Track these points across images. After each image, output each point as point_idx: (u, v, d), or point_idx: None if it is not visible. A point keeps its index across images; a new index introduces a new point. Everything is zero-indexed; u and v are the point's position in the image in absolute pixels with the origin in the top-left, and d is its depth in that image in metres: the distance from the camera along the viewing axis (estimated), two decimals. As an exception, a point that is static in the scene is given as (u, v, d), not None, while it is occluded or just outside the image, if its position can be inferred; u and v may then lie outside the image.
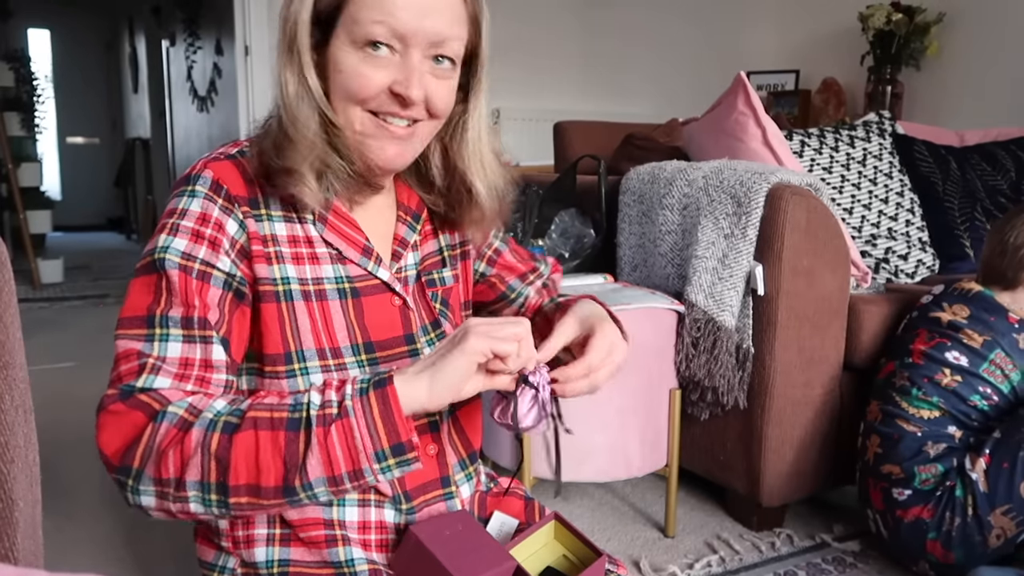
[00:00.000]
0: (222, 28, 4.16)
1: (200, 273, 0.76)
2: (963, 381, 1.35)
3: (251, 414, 0.69)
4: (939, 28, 3.37)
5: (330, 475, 0.68)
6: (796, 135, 2.00)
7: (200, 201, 0.79)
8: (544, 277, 1.09)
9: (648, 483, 1.84)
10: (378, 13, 0.76)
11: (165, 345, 0.72)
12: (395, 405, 0.70)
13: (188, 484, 0.67)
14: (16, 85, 5.26)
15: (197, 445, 0.67)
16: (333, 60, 0.80)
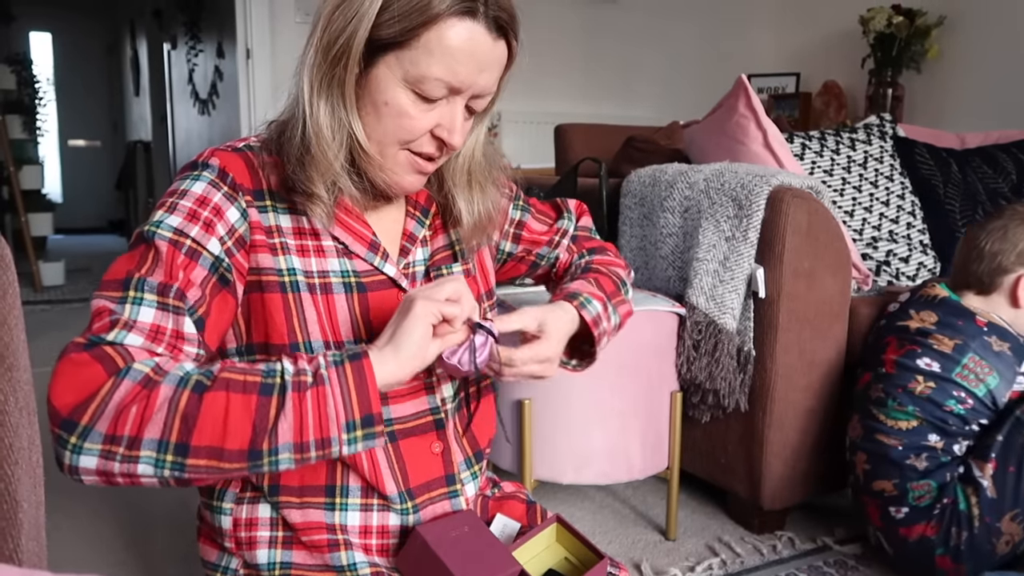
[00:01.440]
0: (223, 31, 4.17)
1: (190, 250, 0.76)
2: (936, 387, 1.34)
3: (223, 375, 0.68)
4: (940, 31, 3.38)
5: (298, 441, 0.68)
6: (797, 138, 2.00)
7: (203, 185, 0.80)
8: (570, 233, 1.09)
9: (649, 486, 1.84)
10: (442, 71, 0.77)
11: (138, 309, 0.71)
12: (369, 377, 0.71)
13: (144, 443, 0.64)
14: (18, 88, 5.27)
15: (164, 401, 0.65)
16: (377, 86, 0.79)
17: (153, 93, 6.67)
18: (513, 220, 1.04)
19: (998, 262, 1.39)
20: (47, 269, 4.58)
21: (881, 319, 1.51)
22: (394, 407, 0.84)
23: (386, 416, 0.84)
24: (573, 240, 1.09)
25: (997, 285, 1.40)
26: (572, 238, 1.09)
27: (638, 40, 4.03)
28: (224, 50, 4.30)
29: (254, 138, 0.86)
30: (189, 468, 0.66)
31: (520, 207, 1.06)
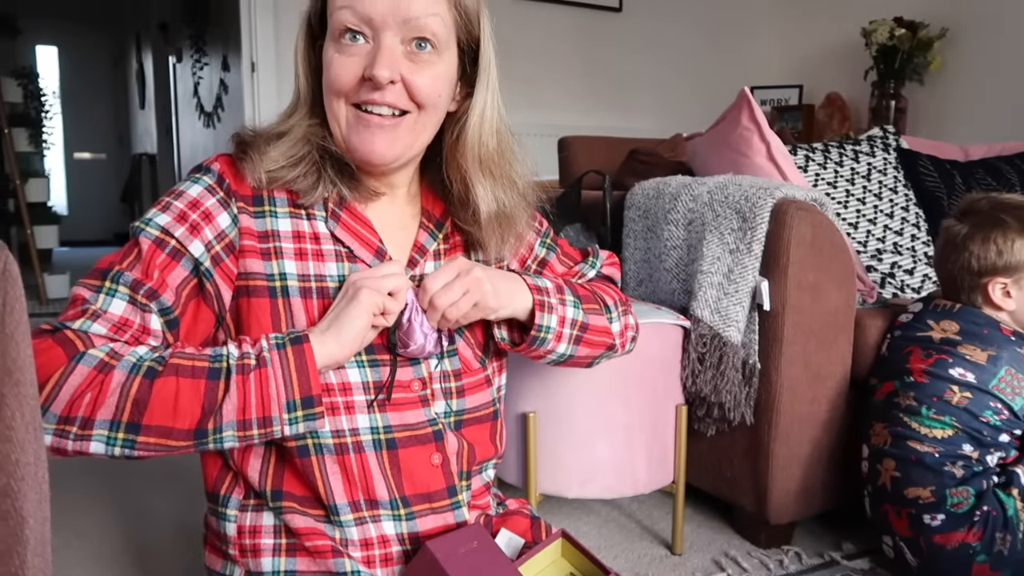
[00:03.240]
0: (228, 44, 4.19)
1: (173, 250, 0.79)
2: (973, 398, 1.34)
3: (173, 361, 0.72)
4: (942, 43, 3.39)
5: (241, 419, 0.72)
6: (800, 150, 2.01)
7: (199, 189, 0.83)
8: (588, 276, 1.08)
9: (655, 500, 1.83)
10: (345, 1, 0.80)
11: (110, 300, 0.75)
12: (310, 360, 0.74)
13: (96, 423, 0.68)
14: (24, 101, 5.30)
15: (117, 386, 0.69)
16: (323, 60, 0.83)
17: (158, 106, 6.71)
18: (538, 257, 1.04)
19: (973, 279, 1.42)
20: (52, 281, 4.60)
21: (893, 330, 1.51)
22: (395, 415, 0.84)
23: (385, 423, 0.83)
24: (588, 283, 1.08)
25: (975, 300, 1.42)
26: (588, 281, 1.08)
27: (641, 52, 4.05)
28: (229, 63, 4.33)
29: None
30: (139, 445, 0.70)
31: (547, 245, 1.05)
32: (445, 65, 0.84)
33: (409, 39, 0.80)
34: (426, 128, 0.86)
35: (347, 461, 0.82)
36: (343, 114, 0.83)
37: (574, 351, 0.96)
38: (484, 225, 0.90)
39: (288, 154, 0.83)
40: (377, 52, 0.79)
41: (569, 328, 0.94)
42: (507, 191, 0.91)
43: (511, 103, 0.90)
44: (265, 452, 0.84)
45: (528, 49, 3.68)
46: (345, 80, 0.81)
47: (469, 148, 0.88)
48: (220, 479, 0.87)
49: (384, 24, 0.79)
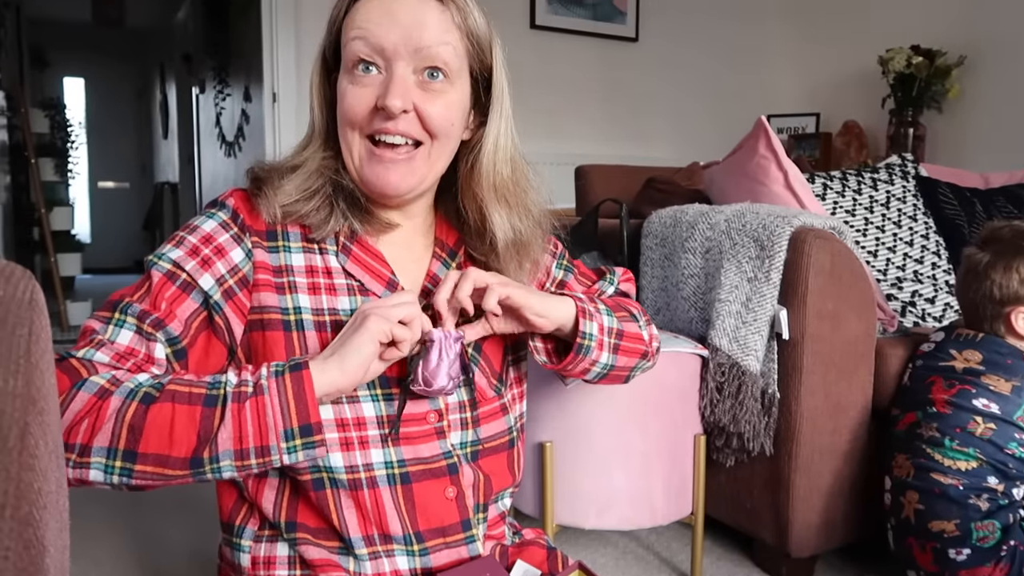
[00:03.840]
0: (251, 75, 4.27)
1: (183, 283, 0.80)
2: (997, 429, 1.31)
3: (170, 387, 0.71)
4: (960, 71, 3.38)
5: (238, 448, 0.70)
6: (818, 178, 2.00)
7: (213, 224, 0.83)
8: (607, 293, 1.08)
9: (673, 531, 1.80)
10: (356, 30, 0.80)
11: (118, 331, 0.76)
12: (308, 387, 0.72)
13: (94, 450, 0.68)
14: (51, 132, 5.42)
15: (113, 412, 0.69)
16: (337, 92, 0.84)
17: (181, 136, 6.83)
18: (555, 279, 1.03)
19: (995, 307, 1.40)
20: (74, 309, 4.65)
21: (915, 360, 1.49)
22: (408, 448, 0.84)
23: (399, 457, 0.83)
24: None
25: (996, 329, 1.41)
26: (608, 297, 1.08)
27: (658, 81, 4.08)
28: (251, 94, 4.40)
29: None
30: (136, 474, 0.69)
31: (564, 267, 1.05)
32: (458, 94, 0.85)
33: (421, 69, 0.81)
34: (440, 157, 0.86)
35: (361, 497, 0.82)
36: (357, 147, 0.84)
37: (614, 360, 0.94)
38: (502, 253, 0.90)
39: (302, 187, 0.84)
40: (390, 82, 0.80)
41: (607, 336, 0.93)
42: (523, 219, 0.91)
43: (530, 132, 0.90)
44: (279, 484, 0.84)
45: (546, 79, 3.72)
46: (358, 110, 0.81)
47: (484, 176, 0.89)
48: (235, 510, 0.87)
49: (396, 54, 0.80)
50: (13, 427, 0.42)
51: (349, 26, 0.81)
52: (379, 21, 0.80)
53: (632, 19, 3.96)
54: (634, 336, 0.97)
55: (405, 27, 0.79)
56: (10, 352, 0.44)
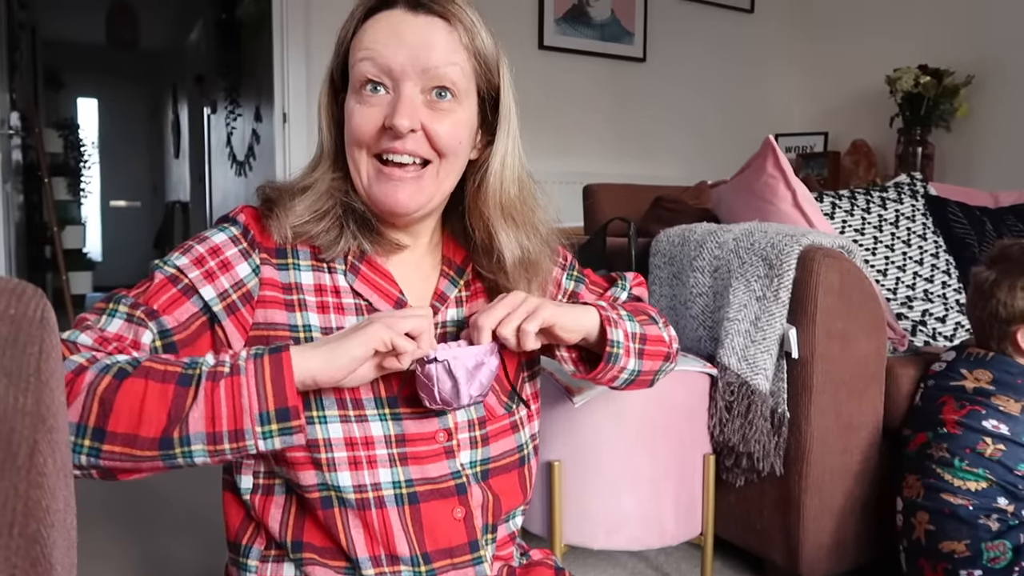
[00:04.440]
0: (261, 96, 4.31)
1: (185, 287, 0.80)
2: (1007, 450, 1.30)
3: (146, 364, 0.69)
4: (969, 90, 3.38)
5: (210, 431, 0.67)
6: (827, 197, 2.00)
7: (223, 237, 0.83)
8: (621, 300, 1.08)
9: (682, 552, 1.79)
10: (364, 52, 0.81)
11: (109, 320, 0.76)
12: (287, 370, 0.70)
13: None
14: (64, 151, 5.49)
15: (86, 386, 0.67)
16: (345, 112, 0.85)
17: (192, 155, 6.89)
18: (567, 291, 1.03)
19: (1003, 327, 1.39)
20: (85, 327, 4.67)
21: (926, 380, 1.48)
22: (416, 468, 0.84)
23: (407, 477, 0.83)
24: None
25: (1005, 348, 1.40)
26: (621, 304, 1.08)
27: (666, 100, 4.09)
28: (262, 114, 4.45)
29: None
30: (104, 454, 0.66)
31: (574, 277, 1.05)
32: (465, 113, 0.85)
33: (429, 88, 0.82)
34: (448, 176, 0.87)
35: (368, 516, 0.81)
36: (365, 166, 0.84)
37: (640, 366, 0.94)
38: (510, 272, 0.90)
39: (312, 208, 0.84)
40: (397, 102, 0.80)
41: (632, 342, 0.92)
42: (530, 237, 0.91)
43: (538, 151, 0.91)
44: (286, 502, 0.84)
45: (554, 99, 3.74)
46: (366, 130, 0.82)
47: (491, 195, 0.89)
48: (242, 529, 0.87)
49: (404, 74, 0.81)
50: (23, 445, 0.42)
51: (357, 47, 0.82)
52: (387, 42, 0.80)
53: (640, 39, 3.98)
54: (656, 339, 0.97)
55: (412, 47, 0.80)
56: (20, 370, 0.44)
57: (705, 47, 4.17)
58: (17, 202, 4.24)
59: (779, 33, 4.33)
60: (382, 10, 0.82)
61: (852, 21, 3.99)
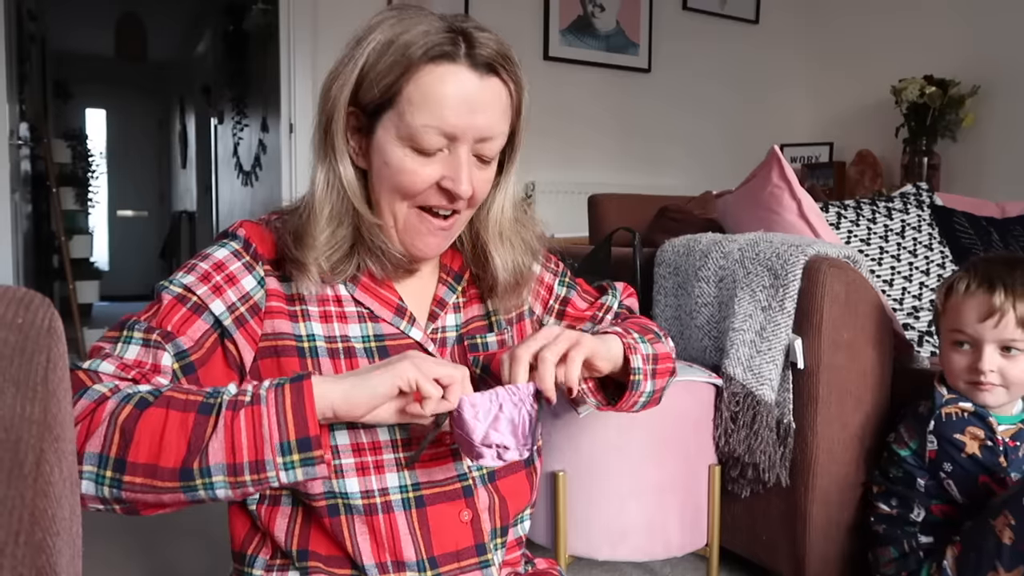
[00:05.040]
0: (268, 107, 4.34)
1: (194, 305, 0.79)
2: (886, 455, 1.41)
3: (168, 393, 0.69)
4: (974, 100, 3.38)
5: (231, 462, 0.66)
6: (832, 207, 2.00)
7: (225, 253, 0.83)
8: (614, 309, 1.08)
9: (688, 563, 1.78)
10: (428, 117, 0.78)
11: (126, 347, 0.75)
12: (308, 399, 0.69)
13: (86, 457, 0.65)
14: (73, 162, 5.51)
15: (107, 415, 0.67)
16: (379, 149, 0.82)
17: (199, 165, 6.93)
18: (559, 296, 1.04)
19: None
20: (91, 336, 4.70)
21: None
22: (423, 471, 0.84)
23: (413, 480, 0.83)
24: (615, 316, 1.08)
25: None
26: (615, 314, 1.08)
27: (671, 111, 4.10)
28: (268, 124, 4.47)
29: (275, 214, 0.90)
30: (126, 485, 0.66)
31: (566, 284, 1.05)
32: (495, 165, 0.86)
33: (476, 151, 0.82)
34: (468, 218, 0.88)
35: (376, 522, 0.81)
36: (404, 215, 0.83)
37: (654, 386, 0.94)
38: (503, 287, 0.91)
39: (331, 242, 0.82)
40: (458, 167, 0.80)
41: (648, 363, 0.93)
42: (524, 253, 0.92)
43: (543, 162, 0.91)
44: (292, 511, 0.84)
45: (559, 109, 3.75)
46: (418, 187, 0.81)
47: (492, 223, 0.90)
48: (247, 539, 0.87)
49: (464, 138, 0.80)
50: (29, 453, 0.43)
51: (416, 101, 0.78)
52: (455, 109, 0.78)
53: (645, 50, 3.99)
54: (665, 356, 0.97)
55: (474, 114, 0.79)
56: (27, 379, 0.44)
57: (710, 58, 4.18)
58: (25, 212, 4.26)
59: (784, 43, 4.33)
60: (444, 63, 0.78)
61: (857, 32, 3.99)
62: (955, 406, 1.29)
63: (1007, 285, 1.24)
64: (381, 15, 0.82)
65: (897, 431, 1.39)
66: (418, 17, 0.79)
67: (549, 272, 1.03)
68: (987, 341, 1.25)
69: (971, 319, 1.26)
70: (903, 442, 1.36)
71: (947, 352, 1.32)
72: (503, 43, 0.81)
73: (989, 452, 1.26)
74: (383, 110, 0.80)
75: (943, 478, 1.30)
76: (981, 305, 1.25)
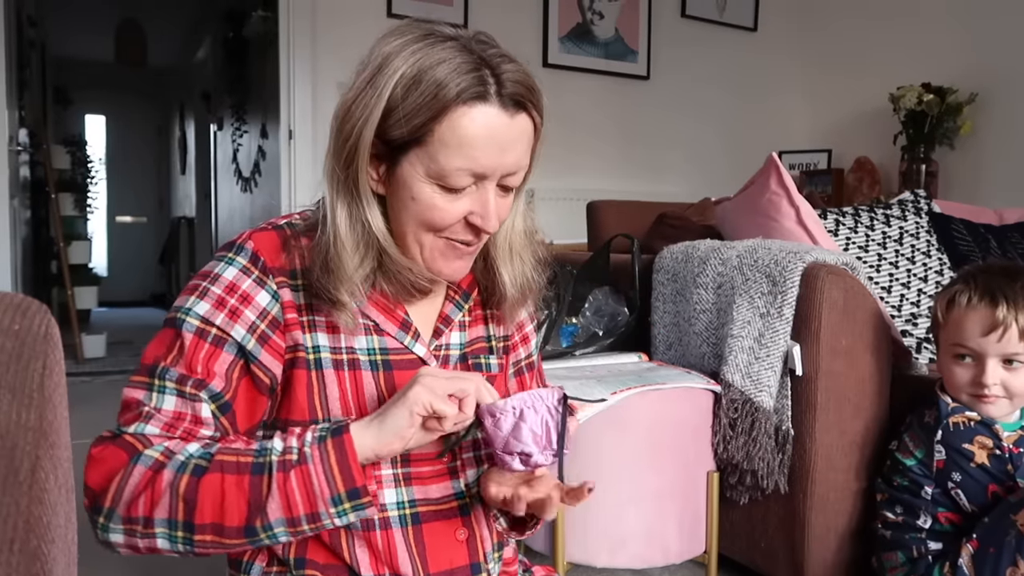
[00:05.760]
0: (268, 113, 4.35)
1: (215, 338, 0.79)
2: (890, 464, 1.40)
3: (218, 458, 0.73)
4: (972, 108, 3.39)
5: (288, 517, 0.72)
6: (830, 214, 2.00)
7: (234, 271, 0.81)
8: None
9: (686, 570, 1.77)
10: (460, 160, 0.77)
11: (161, 397, 0.77)
12: (351, 452, 0.73)
13: (156, 522, 0.71)
14: (72, 167, 5.51)
15: (167, 486, 0.71)
16: (403, 183, 0.80)
17: (198, 171, 6.93)
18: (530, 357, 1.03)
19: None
20: (89, 341, 4.68)
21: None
22: (419, 488, 0.83)
23: (410, 497, 0.83)
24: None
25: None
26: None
27: (669, 118, 4.11)
28: (268, 131, 4.48)
29: (298, 215, 0.87)
30: (197, 543, 0.72)
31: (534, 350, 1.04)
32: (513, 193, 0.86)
33: (501, 183, 0.82)
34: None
35: (373, 537, 0.81)
36: (429, 246, 0.82)
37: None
38: (509, 300, 0.91)
39: (361, 273, 0.81)
40: (487, 204, 0.80)
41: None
42: (532, 270, 0.92)
43: (542, 169, 0.90)
44: None
45: (558, 116, 3.74)
46: (447, 223, 0.80)
47: (502, 239, 0.90)
48: (244, 546, 0.87)
49: (493, 176, 0.80)
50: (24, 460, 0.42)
51: (450, 141, 0.76)
52: (485, 148, 0.77)
53: (644, 57, 4.01)
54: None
55: (503, 152, 0.78)
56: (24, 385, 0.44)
57: (709, 65, 4.19)
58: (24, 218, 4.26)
59: (782, 51, 4.35)
60: (477, 103, 0.76)
61: (855, 39, 4.01)
62: (962, 415, 1.29)
63: (1009, 298, 1.24)
64: (398, 40, 0.77)
65: (901, 440, 1.38)
66: (439, 45, 0.76)
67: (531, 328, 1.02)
68: (990, 355, 1.25)
69: (974, 333, 1.26)
70: (908, 451, 1.35)
71: (949, 365, 1.32)
72: (528, 74, 0.80)
73: (997, 460, 1.26)
74: (411, 146, 0.78)
75: (951, 487, 1.29)
76: (984, 319, 1.25)
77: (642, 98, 4.04)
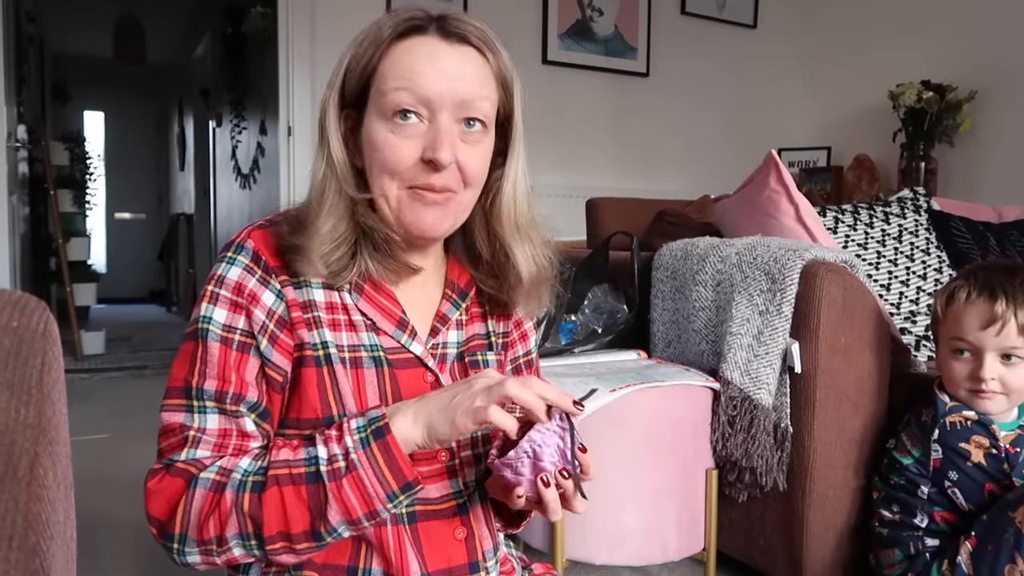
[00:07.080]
0: (267, 109, 4.34)
1: (240, 344, 0.80)
2: (887, 462, 1.40)
3: (272, 472, 0.75)
4: (972, 105, 3.39)
5: (348, 518, 0.75)
6: (830, 211, 2.00)
7: (238, 271, 0.82)
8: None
9: (685, 568, 1.78)
10: (400, 80, 0.79)
11: (204, 417, 0.79)
12: (397, 452, 0.75)
13: (229, 538, 0.75)
14: (70, 164, 5.50)
15: (232, 506, 0.74)
16: (368, 137, 0.82)
17: (197, 168, 6.92)
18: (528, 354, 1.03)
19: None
20: (88, 338, 4.68)
21: None
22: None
23: None
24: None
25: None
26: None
27: (669, 115, 4.11)
28: (267, 127, 4.47)
29: (295, 211, 0.87)
30: (271, 551, 0.76)
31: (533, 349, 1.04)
32: (489, 141, 0.85)
33: (460, 119, 0.81)
34: (470, 203, 0.87)
35: (372, 536, 0.81)
36: (395, 193, 0.82)
37: None
38: (527, 288, 0.90)
39: (333, 235, 0.81)
40: (438, 134, 0.79)
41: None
42: (544, 253, 0.91)
43: (542, 166, 0.90)
44: None
45: (558, 113, 3.76)
46: (403, 163, 0.80)
47: (505, 215, 0.89)
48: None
49: (441, 105, 0.79)
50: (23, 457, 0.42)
51: (388, 72, 0.80)
52: (423, 71, 0.78)
53: (643, 54, 4.00)
54: None
55: (449, 78, 0.79)
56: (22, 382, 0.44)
57: (708, 62, 4.19)
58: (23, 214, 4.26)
59: (782, 48, 4.34)
60: (414, 35, 0.80)
61: (855, 36, 4.01)
62: (959, 415, 1.29)
63: (1008, 293, 1.24)
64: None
65: (899, 438, 1.38)
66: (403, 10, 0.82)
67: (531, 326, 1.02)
68: (988, 349, 1.25)
69: (972, 327, 1.26)
70: (905, 450, 1.35)
71: (947, 360, 1.32)
72: (483, 27, 0.82)
73: (994, 460, 1.26)
74: (365, 97, 0.82)
75: (948, 487, 1.29)
76: (982, 313, 1.25)
77: (641, 95, 4.04)
